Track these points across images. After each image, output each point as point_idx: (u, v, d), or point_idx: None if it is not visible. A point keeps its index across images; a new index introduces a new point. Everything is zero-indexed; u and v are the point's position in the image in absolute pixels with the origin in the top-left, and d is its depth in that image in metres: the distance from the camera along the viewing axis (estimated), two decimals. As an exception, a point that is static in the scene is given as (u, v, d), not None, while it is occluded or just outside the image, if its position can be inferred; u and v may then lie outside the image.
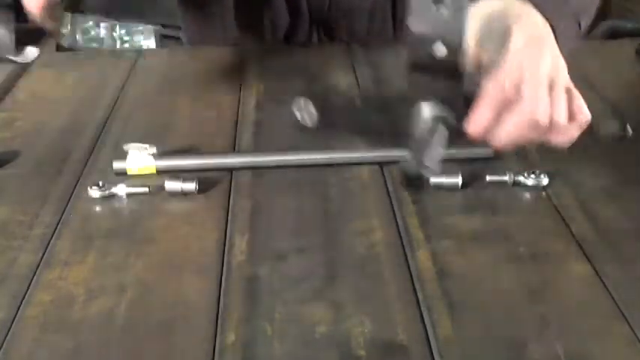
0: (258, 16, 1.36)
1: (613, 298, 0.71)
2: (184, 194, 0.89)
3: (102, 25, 1.82)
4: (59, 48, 2.62)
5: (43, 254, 0.80)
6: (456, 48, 0.77)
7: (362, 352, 0.65)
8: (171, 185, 0.89)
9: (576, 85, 0.82)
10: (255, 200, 0.89)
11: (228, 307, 0.71)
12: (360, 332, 0.67)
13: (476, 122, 0.80)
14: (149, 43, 1.75)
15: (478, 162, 0.95)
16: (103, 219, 0.86)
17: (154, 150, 0.94)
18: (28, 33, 0.98)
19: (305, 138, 1.04)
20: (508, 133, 0.80)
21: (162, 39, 1.71)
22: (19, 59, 0.98)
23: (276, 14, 1.35)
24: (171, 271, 0.77)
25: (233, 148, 1.02)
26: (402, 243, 0.80)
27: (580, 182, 0.91)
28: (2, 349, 0.67)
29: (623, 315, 0.69)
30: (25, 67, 1.30)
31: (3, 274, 0.77)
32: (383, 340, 0.67)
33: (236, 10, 1.35)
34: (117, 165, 0.95)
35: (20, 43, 0.97)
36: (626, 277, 0.74)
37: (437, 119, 0.82)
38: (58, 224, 0.85)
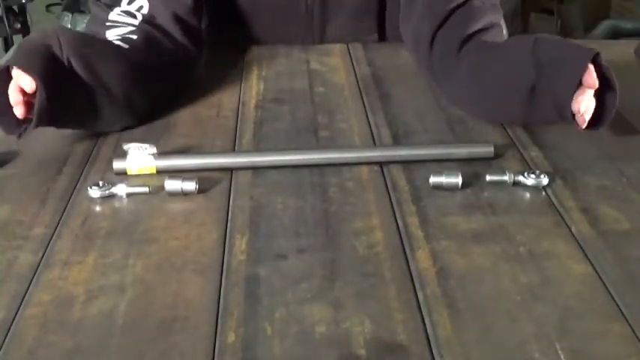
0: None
1: (613, 298, 0.71)
2: (184, 194, 0.89)
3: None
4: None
5: (43, 254, 0.80)
6: None
7: (362, 352, 0.65)
8: (171, 185, 0.89)
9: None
10: (255, 200, 0.89)
11: (228, 307, 0.71)
12: (360, 332, 0.67)
13: None
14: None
15: (478, 162, 0.95)
16: (103, 219, 0.86)
17: (154, 150, 0.94)
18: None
19: (305, 138, 1.05)
20: None
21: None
22: None
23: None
24: (171, 271, 0.77)
25: (233, 148, 1.02)
26: (402, 243, 0.80)
27: (580, 182, 0.91)
28: (2, 349, 0.67)
29: (623, 315, 0.69)
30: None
31: (3, 274, 0.77)
32: (383, 340, 0.67)
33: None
34: (117, 165, 0.95)
35: None
36: (626, 277, 0.74)
37: None
38: (58, 224, 0.85)
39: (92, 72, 0.99)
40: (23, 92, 0.92)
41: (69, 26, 2.54)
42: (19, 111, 0.92)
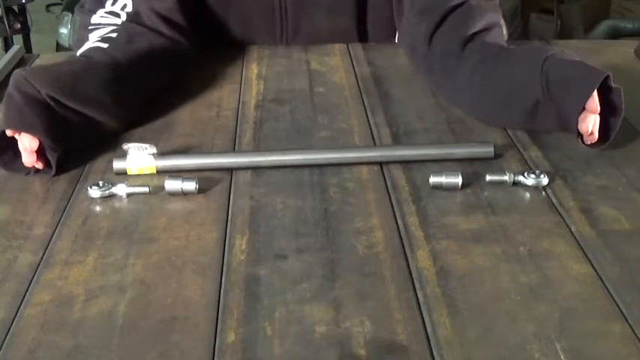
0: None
1: (613, 298, 0.71)
2: (184, 194, 0.89)
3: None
4: (59, 48, 2.62)
5: (43, 254, 0.80)
6: None
7: (362, 352, 0.65)
8: (171, 185, 0.89)
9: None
10: (255, 200, 0.89)
11: (228, 307, 0.71)
12: (360, 332, 0.67)
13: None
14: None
15: (478, 162, 0.95)
16: (103, 219, 0.86)
17: (153, 150, 0.94)
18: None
19: (305, 138, 1.05)
20: None
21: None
22: None
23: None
24: (171, 270, 0.77)
25: (233, 148, 1.02)
26: (402, 243, 0.80)
27: (580, 182, 0.91)
28: (2, 349, 0.67)
29: (623, 315, 0.69)
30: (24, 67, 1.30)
31: (3, 274, 0.77)
32: (383, 340, 0.67)
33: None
34: (117, 165, 0.95)
35: None
36: (626, 277, 0.74)
37: None
38: (58, 224, 0.85)
39: (74, 96, 0.98)
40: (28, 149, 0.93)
41: (69, 26, 2.53)
42: (37, 165, 0.93)
